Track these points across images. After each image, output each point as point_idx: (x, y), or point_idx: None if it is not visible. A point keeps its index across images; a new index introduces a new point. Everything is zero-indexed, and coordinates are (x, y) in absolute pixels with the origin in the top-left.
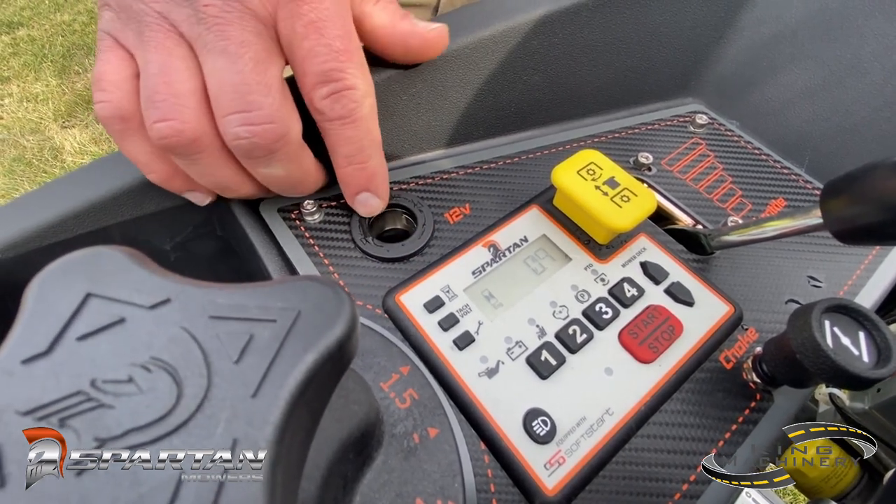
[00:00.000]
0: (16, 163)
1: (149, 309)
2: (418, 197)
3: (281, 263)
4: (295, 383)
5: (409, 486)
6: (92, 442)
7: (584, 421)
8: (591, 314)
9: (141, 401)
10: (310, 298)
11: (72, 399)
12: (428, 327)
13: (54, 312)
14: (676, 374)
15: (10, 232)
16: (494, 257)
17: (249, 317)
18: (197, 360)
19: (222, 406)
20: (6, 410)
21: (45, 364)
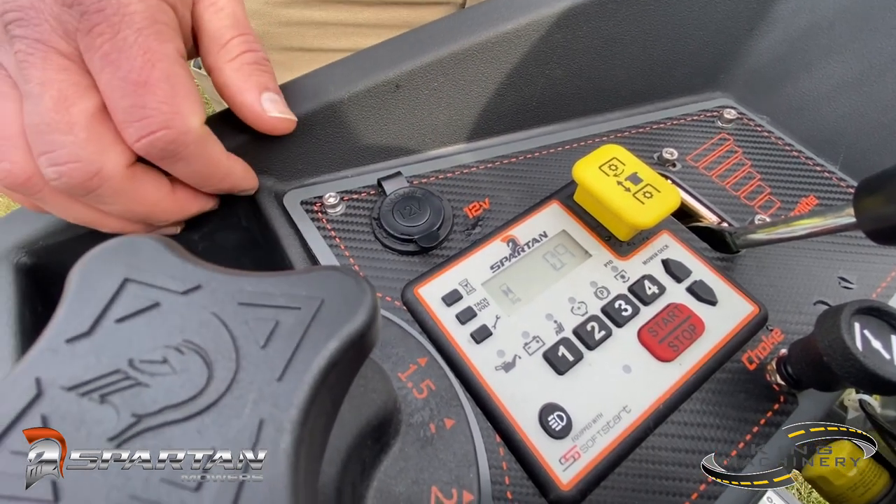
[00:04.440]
0: None
1: (181, 294)
2: (438, 190)
3: (303, 254)
4: (318, 369)
5: (424, 474)
6: (130, 417)
7: (600, 417)
8: (611, 311)
9: (174, 380)
10: (333, 287)
11: (111, 377)
12: (446, 320)
13: (95, 296)
14: (697, 373)
15: (52, 220)
16: (513, 252)
17: (275, 304)
18: (226, 343)
19: (250, 388)
20: (52, 386)
21: (86, 344)
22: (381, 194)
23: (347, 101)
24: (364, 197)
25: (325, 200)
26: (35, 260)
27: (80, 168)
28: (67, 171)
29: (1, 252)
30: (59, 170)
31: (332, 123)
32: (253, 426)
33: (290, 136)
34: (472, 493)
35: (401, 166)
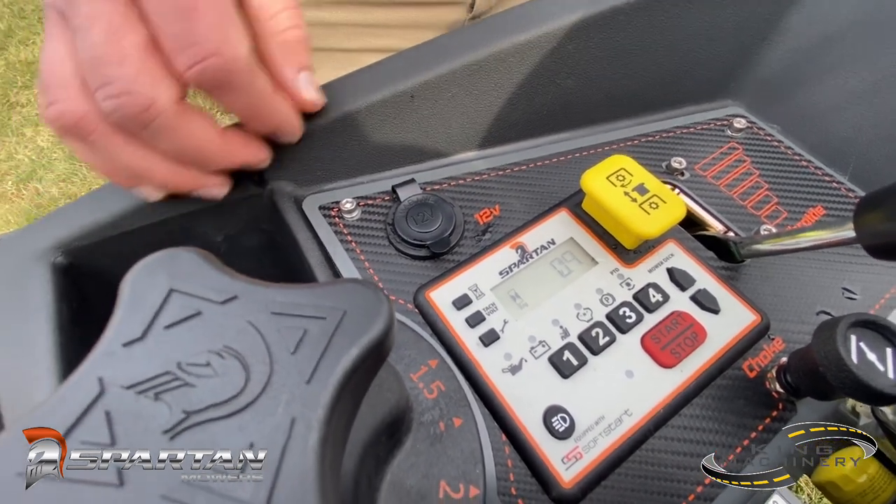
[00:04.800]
0: None
1: (220, 304)
2: (450, 197)
3: (321, 257)
4: (342, 373)
5: (434, 469)
6: (180, 413)
7: (602, 420)
8: (615, 318)
9: (217, 382)
10: (354, 299)
11: (163, 377)
12: (455, 323)
13: (145, 305)
14: (697, 379)
15: (85, 222)
16: (522, 258)
17: (303, 314)
18: (261, 349)
19: (282, 389)
20: (112, 385)
21: (140, 348)
22: (396, 200)
23: (364, 110)
24: (379, 202)
25: (342, 206)
26: (70, 260)
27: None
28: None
29: (39, 252)
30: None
31: (350, 132)
32: (286, 424)
33: (310, 144)
34: (478, 488)
35: (414, 173)
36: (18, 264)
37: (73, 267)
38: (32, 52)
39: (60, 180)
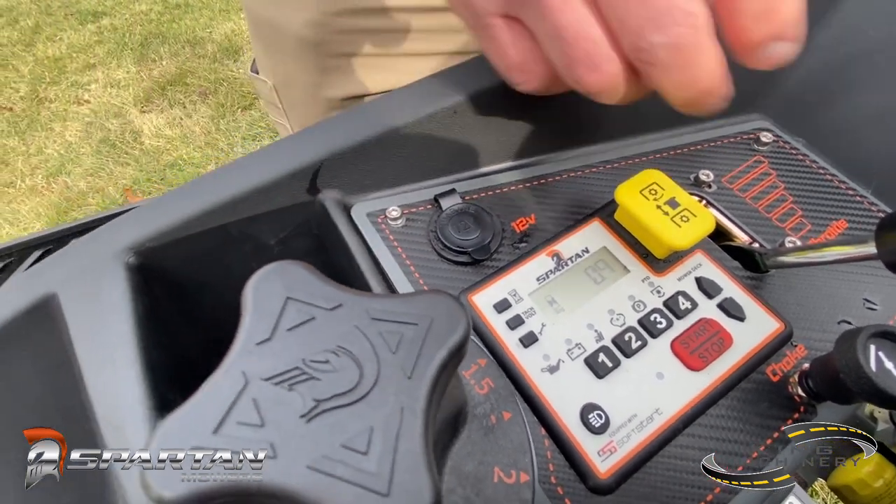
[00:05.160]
0: (102, 144)
1: (329, 311)
2: (488, 206)
3: (370, 261)
4: (435, 370)
5: (488, 457)
6: (312, 401)
7: (634, 417)
8: (647, 323)
9: (336, 376)
10: (439, 308)
11: (293, 371)
12: (497, 326)
13: (268, 310)
14: (723, 382)
15: (155, 225)
16: (557, 266)
17: (399, 320)
18: (368, 349)
19: (390, 383)
20: (254, 377)
21: (270, 346)
22: (438, 209)
23: (411, 125)
24: (422, 210)
25: (388, 213)
26: (141, 260)
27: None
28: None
29: (115, 253)
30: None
31: (396, 144)
32: (397, 412)
33: (359, 155)
34: (528, 475)
35: (454, 182)
36: (96, 264)
37: (143, 266)
38: (59, 48)
39: (88, 174)
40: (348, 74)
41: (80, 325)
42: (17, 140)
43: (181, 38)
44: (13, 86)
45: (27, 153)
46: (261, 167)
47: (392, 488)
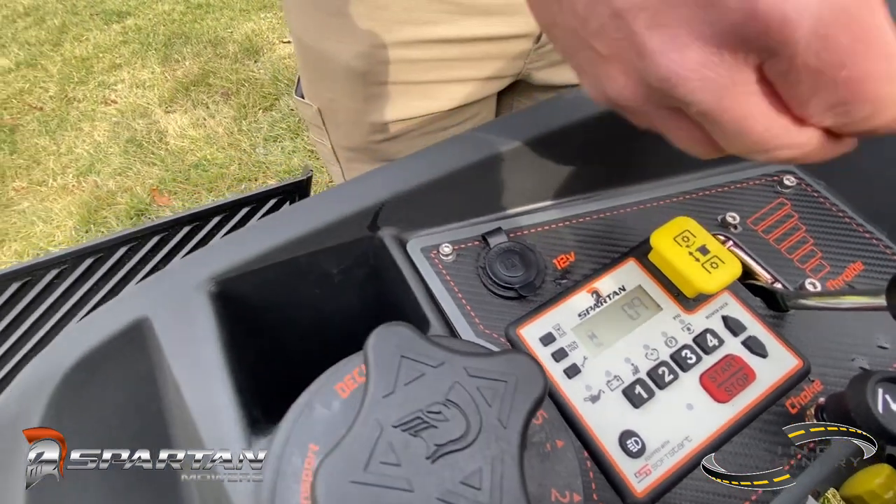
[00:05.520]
0: (129, 144)
1: (435, 367)
2: (533, 243)
3: (425, 292)
4: (523, 420)
5: (546, 480)
6: (433, 446)
7: (667, 444)
8: (678, 358)
9: (449, 425)
10: (523, 368)
11: (415, 420)
12: (544, 358)
13: (388, 368)
14: (747, 414)
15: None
16: (597, 302)
17: (491, 377)
18: (470, 402)
19: (490, 432)
20: (387, 425)
21: (394, 398)
22: (486, 246)
23: (462, 170)
24: (470, 247)
25: (441, 249)
26: (219, 289)
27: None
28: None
29: (199, 283)
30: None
31: (449, 187)
32: (498, 455)
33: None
34: (580, 496)
35: (499, 220)
36: (183, 292)
37: (222, 294)
38: (86, 48)
39: (116, 174)
40: (391, 100)
41: (174, 347)
42: (48, 139)
43: (203, 38)
44: (42, 85)
45: (58, 152)
46: (329, 208)
47: None
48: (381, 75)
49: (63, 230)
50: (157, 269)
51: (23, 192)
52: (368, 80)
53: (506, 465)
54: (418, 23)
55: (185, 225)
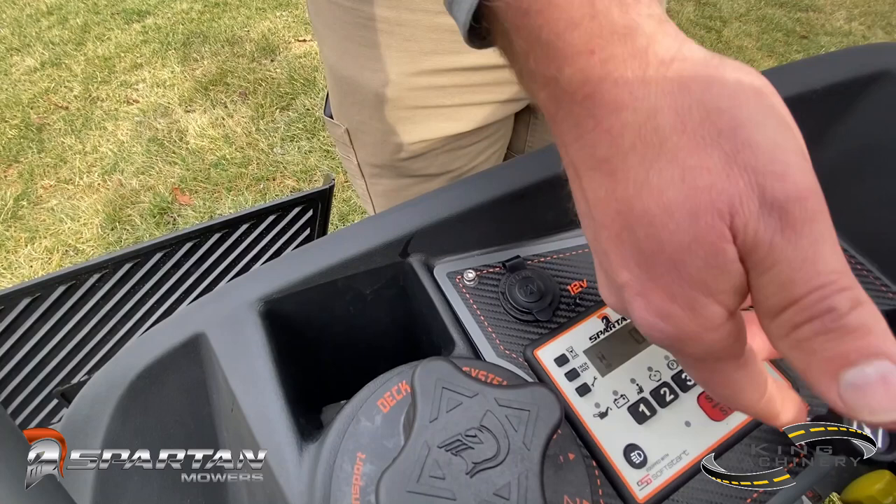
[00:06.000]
0: (151, 143)
1: (469, 398)
2: (549, 273)
3: (449, 313)
4: (542, 444)
5: (559, 488)
6: (471, 464)
7: (667, 456)
8: (678, 380)
9: (484, 447)
10: (543, 399)
11: (456, 441)
12: (558, 377)
13: (432, 397)
14: (740, 430)
15: (281, 281)
16: (606, 327)
17: (516, 406)
18: (500, 428)
19: (517, 453)
20: (432, 445)
21: (438, 423)
22: (506, 273)
23: (486, 204)
24: (491, 272)
25: (465, 275)
26: (268, 308)
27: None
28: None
29: (250, 303)
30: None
31: (474, 219)
32: (524, 472)
33: (443, 228)
34: (588, 502)
35: (518, 248)
36: (236, 310)
37: (269, 313)
38: (108, 48)
39: (140, 173)
40: (417, 123)
41: (230, 360)
42: (74, 138)
43: (220, 37)
44: (67, 84)
45: (83, 151)
46: (364, 237)
47: None
48: (409, 101)
49: (90, 228)
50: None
51: (51, 191)
52: (396, 105)
53: (529, 481)
54: (444, 52)
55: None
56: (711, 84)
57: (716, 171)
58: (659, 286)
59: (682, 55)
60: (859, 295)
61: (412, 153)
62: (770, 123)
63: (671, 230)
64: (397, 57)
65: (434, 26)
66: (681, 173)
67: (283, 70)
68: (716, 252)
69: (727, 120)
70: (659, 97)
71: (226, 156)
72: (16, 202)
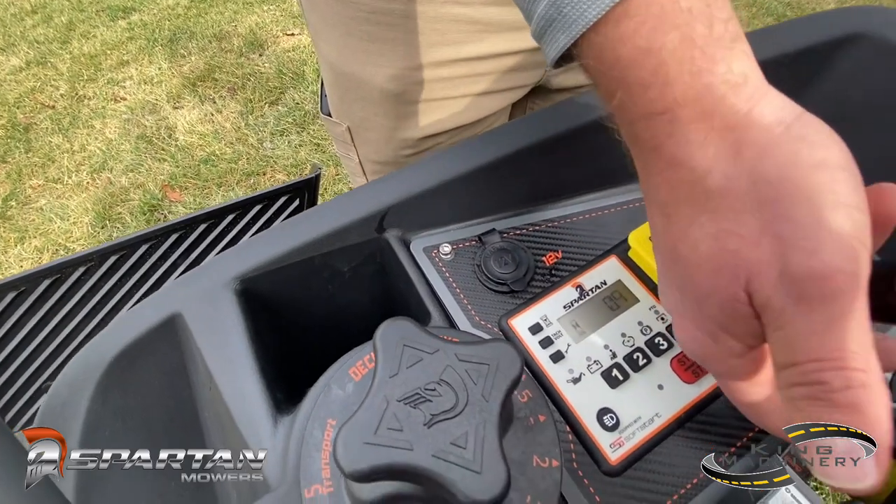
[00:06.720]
0: (139, 140)
1: (431, 354)
2: (524, 244)
3: (427, 288)
4: (502, 396)
5: (529, 448)
6: (429, 415)
7: (639, 419)
8: (651, 345)
9: (442, 399)
10: (503, 354)
11: (414, 395)
12: (531, 345)
13: (393, 354)
14: (711, 393)
15: (257, 259)
16: (580, 296)
17: (476, 361)
18: (459, 381)
19: (475, 404)
20: (392, 399)
21: (398, 378)
22: (481, 246)
23: (459, 178)
24: (467, 246)
25: (441, 249)
26: (244, 286)
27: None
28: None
29: (226, 282)
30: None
31: (449, 193)
32: (481, 423)
33: (418, 203)
34: (558, 461)
35: (493, 222)
36: (212, 290)
37: (245, 291)
38: (94, 45)
39: (129, 170)
40: (423, 116)
41: (205, 339)
42: (61, 137)
43: (207, 32)
44: (53, 83)
45: (71, 150)
46: (340, 213)
47: (483, 468)
48: (414, 94)
49: (80, 226)
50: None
51: (40, 190)
52: (402, 99)
53: (487, 430)
54: (449, 43)
55: (201, 223)
56: (765, 155)
57: (747, 237)
58: (691, 314)
59: (750, 119)
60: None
61: (417, 148)
62: (817, 200)
63: (698, 279)
64: (401, 50)
65: (438, 17)
66: (715, 233)
67: (272, 64)
68: (729, 306)
69: (771, 192)
70: (713, 161)
71: (215, 151)
72: (4, 202)
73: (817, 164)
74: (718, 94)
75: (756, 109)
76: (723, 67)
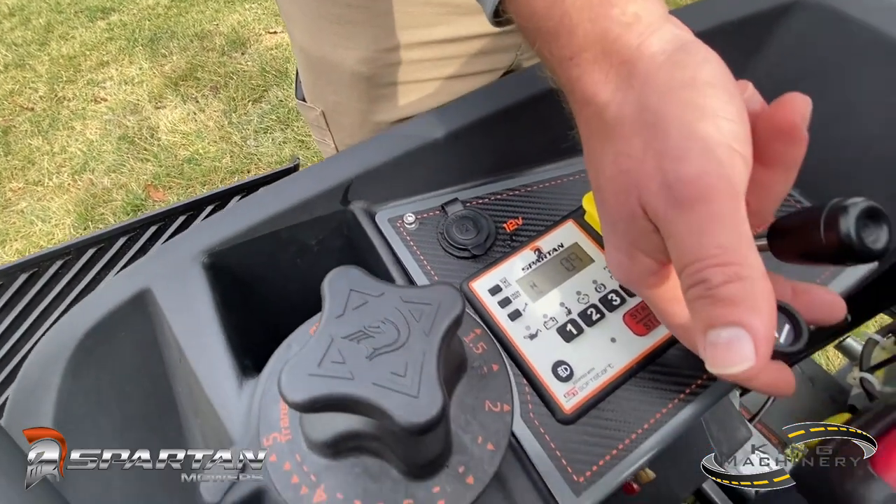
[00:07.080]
0: (121, 141)
1: (377, 297)
2: (486, 212)
3: (392, 257)
4: (443, 331)
5: (481, 394)
6: (371, 349)
7: (592, 370)
8: (605, 301)
9: (385, 335)
10: (445, 295)
11: (359, 333)
12: (491, 305)
13: (340, 297)
14: (662, 344)
15: (220, 234)
16: (538, 258)
17: (420, 302)
18: (402, 320)
19: (417, 339)
20: (337, 337)
21: (344, 319)
22: (444, 214)
23: (421, 149)
24: (431, 216)
25: (405, 219)
26: (212, 260)
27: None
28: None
29: (193, 256)
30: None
31: (412, 164)
32: (421, 354)
33: (381, 174)
34: (509, 406)
35: (456, 192)
36: (179, 264)
37: (213, 265)
38: (72, 46)
39: (111, 171)
40: (395, 100)
41: (174, 312)
42: (41, 140)
43: (189, 31)
44: (32, 86)
45: (52, 152)
46: (304, 186)
47: (419, 393)
48: (385, 77)
49: (62, 228)
50: None
51: (20, 193)
52: (373, 82)
53: (426, 361)
54: (418, 26)
55: (180, 214)
56: (647, 82)
57: (635, 156)
58: (611, 238)
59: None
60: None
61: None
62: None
63: (610, 201)
64: (371, 33)
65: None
66: (614, 157)
67: (255, 63)
68: (632, 222)
69: (651, 114)
70: (612, 94)
71: (199, 150)
72: None
73: (688, 83)
74: (614, 35)
75: (645, 43)
76: (617, 11)
